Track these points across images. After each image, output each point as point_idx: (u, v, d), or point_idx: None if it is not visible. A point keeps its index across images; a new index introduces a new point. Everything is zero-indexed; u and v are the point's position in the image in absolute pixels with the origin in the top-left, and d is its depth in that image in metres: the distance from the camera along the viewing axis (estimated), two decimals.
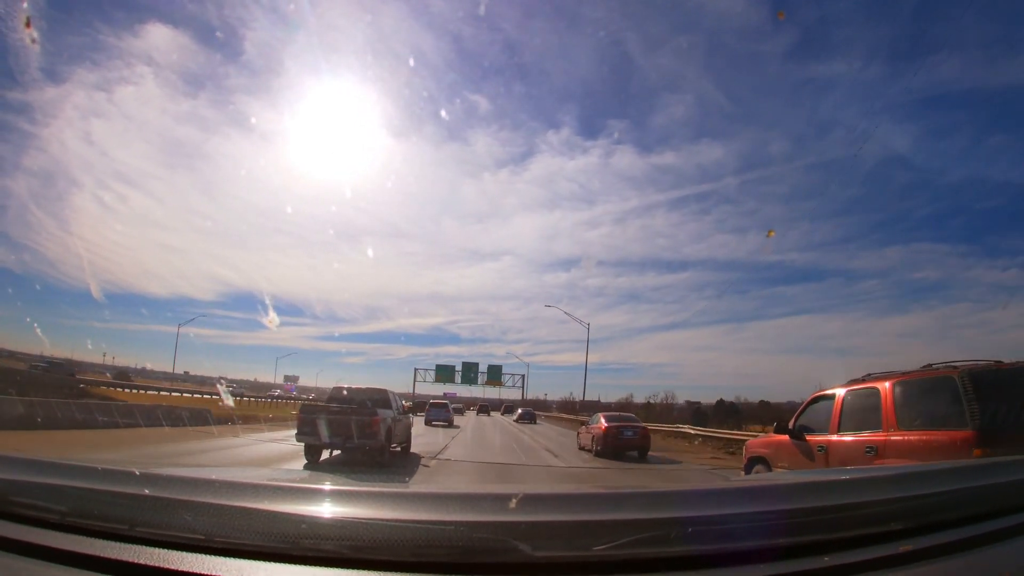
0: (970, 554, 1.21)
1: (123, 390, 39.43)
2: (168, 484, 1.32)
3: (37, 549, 1.13)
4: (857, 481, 1.74)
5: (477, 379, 74.81)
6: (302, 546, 1.07)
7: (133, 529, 1.14)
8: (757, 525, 1.15)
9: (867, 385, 6.04)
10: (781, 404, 54.78)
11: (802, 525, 1.19)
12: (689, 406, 62.12)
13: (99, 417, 16.79)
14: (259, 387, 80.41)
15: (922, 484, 1.51)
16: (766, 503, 1.30)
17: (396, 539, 1.07)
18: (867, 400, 5.92)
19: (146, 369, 61.89)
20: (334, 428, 10.95)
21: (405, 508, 1.22)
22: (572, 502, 1.39)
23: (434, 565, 1.05)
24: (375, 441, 11.08)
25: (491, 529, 1.08)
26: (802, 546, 1.15)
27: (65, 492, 1.25)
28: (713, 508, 1.27)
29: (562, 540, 1.10)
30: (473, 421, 41.83)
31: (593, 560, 1.06)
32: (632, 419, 19.01)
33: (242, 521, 1.10)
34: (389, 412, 12.22)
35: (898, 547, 1.19)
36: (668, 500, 1.40)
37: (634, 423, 18.23)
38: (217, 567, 1.05)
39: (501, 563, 1.06)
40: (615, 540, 1.06)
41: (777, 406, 54.76)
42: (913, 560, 1.17)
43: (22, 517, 1.22)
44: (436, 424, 31.67)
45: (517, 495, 1.19)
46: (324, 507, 1.17)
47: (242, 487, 1.34)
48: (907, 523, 1.26)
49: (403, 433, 13.85)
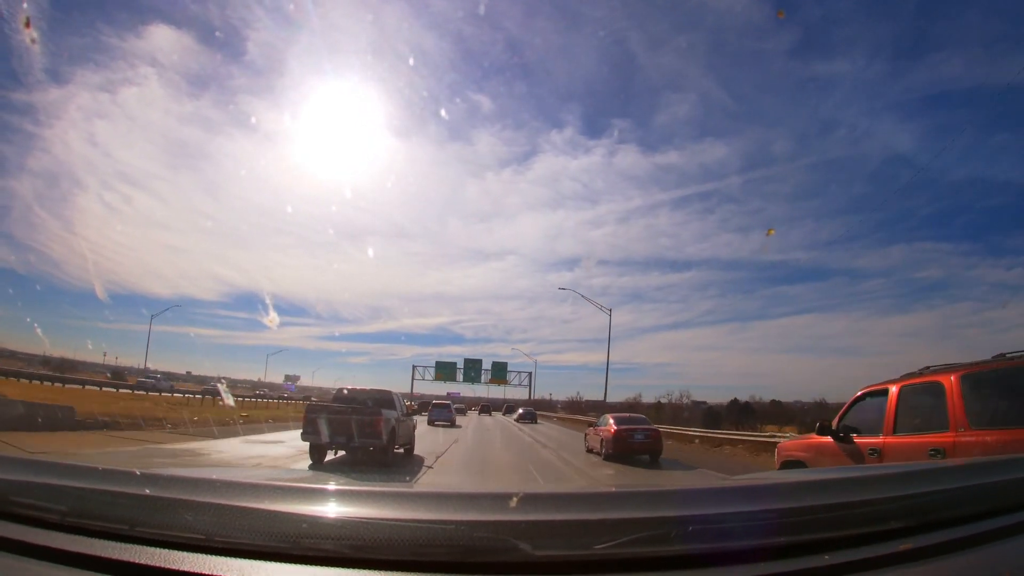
0: (970, 552, 1.21)
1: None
2: (169, 484, 1.33)
3: (37, 549, 1.13)
4: (857, 479, 1.74)
5: (480, 377, 71.75)
6: (303, 546, 1.07)
7: (133, 529, 1.15)
8: (757, 524, 1.16)
9: (927, 379, 5.24)
10: (790, 403, 54.45)
11: (802, 523, 1.19)
12: (695, 406, 60.94)
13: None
14: (260, 387, 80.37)
15: (922, 482, 1.51)
16: (766, 501, 1.30)
17: (397, 538, 1.07)
18: (927, 396, 5.18)
19: (148, 369, 61.83)
20: (338, 428, 11.00)
21: (406, 507, 1.22)
22: (572, 501, 1.39)
23: (435, 564, 1.05)
24: (378, 442, 11.14)
25: (492, 528, 1.09)
26: (802, 544, 1.15)
27: (65, 492, 1.26)
28: (713, 507, 1.27)
29: (562, 539, 1.10)
30: (475, 421, 42.21)
31: (594, 559, 1.06)
32: (643, 421, 18.23)
33: (243, 521, 1.11)
34: (393, 413, 12.28)
35: (898, 545, 1.19)
36: (668, 499, 1.40)
37: (645, 425, 17.37)
38: (218, 567, 1.06)
39: (502, 562, 1.06)
40: (615, 539, 1.06)
41: (788, 406, 54.12)
42: (913, 559, 1.17)
43: (22, 517, 1.22)
44: (439, 424, 32.03)
45: (517, 494, 1.19)
46: (324, 507, 1.17)
47: (243, 487, 1.34)
48: (907, 521, 1.26)
49: (407, 434, 13.91)
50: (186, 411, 24.16)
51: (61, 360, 60.69)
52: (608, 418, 17.64)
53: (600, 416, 19.67)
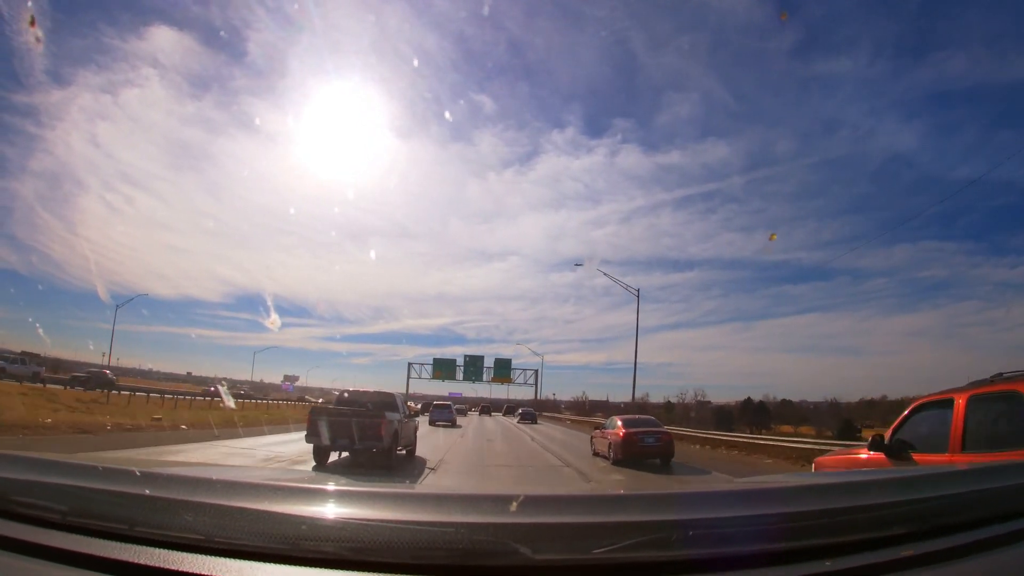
0: (974, 559, 1.20)
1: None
2: (169, 484, 1.33)
3: (37, 549, 1.13)
4: (859, 484, 1.73)
5: (482, 375, 67.05)
6: (302, 547, 1.07)
7: (133, 529, 1.14)
8: (758, 528, 1.15)
9: (1001, 388, 4.66)
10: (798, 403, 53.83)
11: (804, 529, 1.18)
12: (700, 405, 60.21)
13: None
14: (262, 388, 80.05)
15: (925, 488, 1.49)
16: (768, 506, 1.29)
17: (396, 541, 1.07)
18: (1002, 409, 4.61)
19: (151, 370, 61.97)
20: (341, 431, 11.18)
21: (406, 509, 1.21)
22: (573, 504, 1.38)
23: (434, 567, 1.05)
24: (380, 444, 11.30)
25: (492, 531, 1.08)
26: (804, 550, 1.14)
27: (66, 491, 1.25)
28: (714, 511, 1.26)
29: (562, 543, 1.09)
30: (475, 422, 42.35)
31: (593, 563, 1.06)
32: (653, 423, 17.29)
33: (242, 522, 1.11)
34: (395, 415, 12.45)
35: (901, 552, 1.18)
36: (669, 502, 1.39)
37: (656, 428, 16.55)
38: (217, 568, 1.05)
39: (501, 566, 1.05)
40: (616, 543, 1.05)
41: (797, 405, 53.30)
42: (916, 565, 1.16)
43: (22, 516, 1.22)
44: (439, 424, 32.45)
45: (518, 497, 1.19)
46: (324, 508, 1.17)
47: (243, 487, 1.34)
48: (910, 527, 1.25)
49: (409, 436, 14.09)
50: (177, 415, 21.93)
51: (56, 361, 57.87)
52: (616, 420, 16.81)
53: (607, 418, 18.90)
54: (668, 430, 17.40)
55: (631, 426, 16.04)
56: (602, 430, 17.89)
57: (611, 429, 16.67)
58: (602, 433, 17.70)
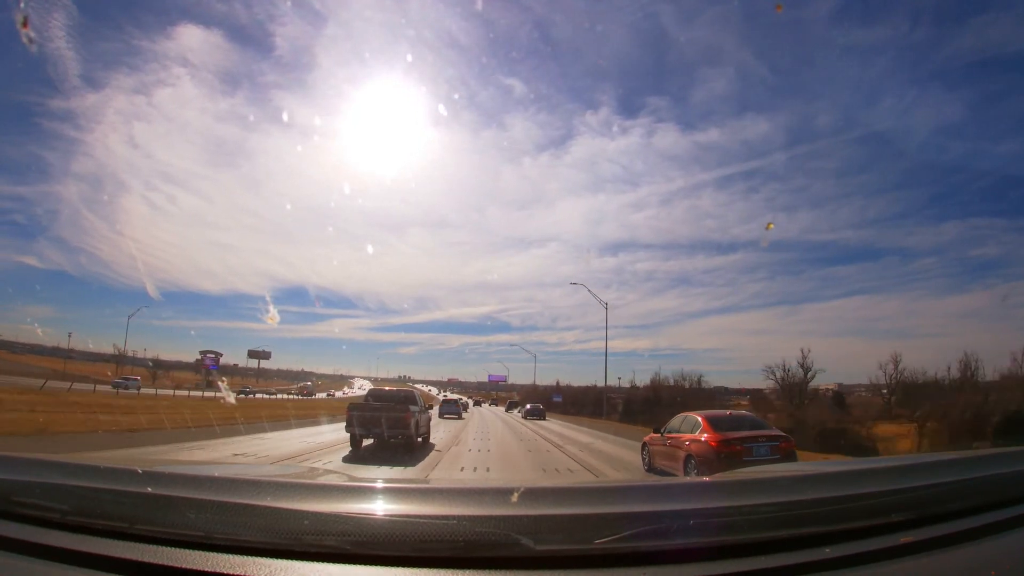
0: (971, 545, 1.21)
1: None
2: (170, 482, 1.34)
3: (39, 548, 1.14)
4: (858, 472, 1.74)
5: None
6: (304, 542, 1.08)
7: (135, 527, 1.15)
8: (759, 517, 1.16)
9: None
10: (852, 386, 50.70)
11: (804, 517, 1.19)
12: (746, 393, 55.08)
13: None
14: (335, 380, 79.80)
15: (923, 475, 1.50)
16: (768, 495, 1.30)
17: (399, 534, 1.08)
18: None
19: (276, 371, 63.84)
20: (374, 422, 13.71)
21: (408, 502, 1.23)
22: (574, 495, 1.39)
23: (437, 560, 1.06)
24: (406, 432, 13.83)
25: (493, 523, 1.09)
26: (804, 537, 1.15)
27: (67, 491, 1.26)
28: (715, 500, 1.27)
29: (564, 533, 1.11)
30: (477, 416, 44.61)
31: (595, 553, 1.06)
32: (759, 423, 11.01)
33: (244, 518, 1.11)
34: (416, 408, 14.92)
35: (899, 538, 1.19)
36: (670, 492, 1.40)
37: (767, 431, 10.24)
38: (220, 564, 1.06)
39: (504, 557, 1.06)
40: (617, 533, 1.06)
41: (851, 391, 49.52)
42: (914, 551, 1.16)
43: (24, 516, 1.22)
44: (447, 417, 35.89)
45: (519, 489, 1.20)
46: (326, 503, 1.18)
47: (244, 484, 1.35)
48: (908, 514, 1.26)
49: (425, 425, 16.62)
50: None
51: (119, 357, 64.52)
52: (696, 419, 10.46)
53: (684, 418, 11.06)
54: (788, 435, 10.59)
55: (724, 428, 9.92)
56: (670, 434, 11.14)
57: (689, 433, 10.36)
58: (671, 439, 11.03)
